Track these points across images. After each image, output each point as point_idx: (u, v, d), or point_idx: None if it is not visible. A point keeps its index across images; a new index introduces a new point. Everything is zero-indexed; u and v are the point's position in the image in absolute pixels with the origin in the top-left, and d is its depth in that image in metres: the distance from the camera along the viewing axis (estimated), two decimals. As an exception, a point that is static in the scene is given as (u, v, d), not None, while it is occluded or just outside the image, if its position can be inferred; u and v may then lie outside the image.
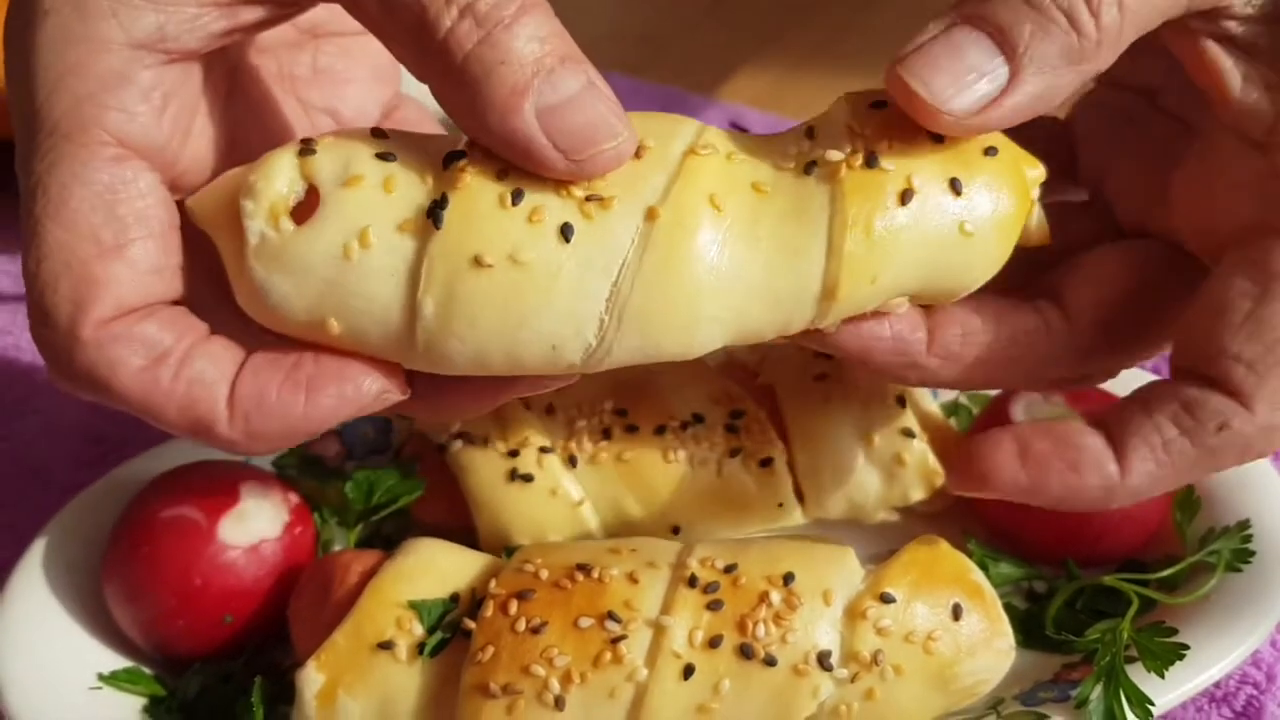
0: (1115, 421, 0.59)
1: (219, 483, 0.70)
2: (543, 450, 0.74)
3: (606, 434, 0.75)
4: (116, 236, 0.52)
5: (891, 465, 0.75)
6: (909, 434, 0.75)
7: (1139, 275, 0.63)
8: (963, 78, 0.53)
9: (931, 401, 0.79)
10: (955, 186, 0.56)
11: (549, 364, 0.54)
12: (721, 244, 0.54)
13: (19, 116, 0.53)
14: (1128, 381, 0.68)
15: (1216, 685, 0.70)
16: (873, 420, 0.75)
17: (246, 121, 0.61)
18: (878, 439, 0.75)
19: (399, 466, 0.76)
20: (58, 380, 0.54)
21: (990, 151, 0.57)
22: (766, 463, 0.74)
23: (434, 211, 0.52)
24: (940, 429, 0.78)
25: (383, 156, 0.54)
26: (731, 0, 1.22)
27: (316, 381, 0.53)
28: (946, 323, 0.61)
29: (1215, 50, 0.57)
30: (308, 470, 0.77)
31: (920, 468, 0.75)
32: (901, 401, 0.76)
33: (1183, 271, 0.63)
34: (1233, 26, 0.56)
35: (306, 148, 0.54)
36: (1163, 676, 0.64)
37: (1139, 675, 0.64)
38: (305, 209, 0.53)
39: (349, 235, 0.52)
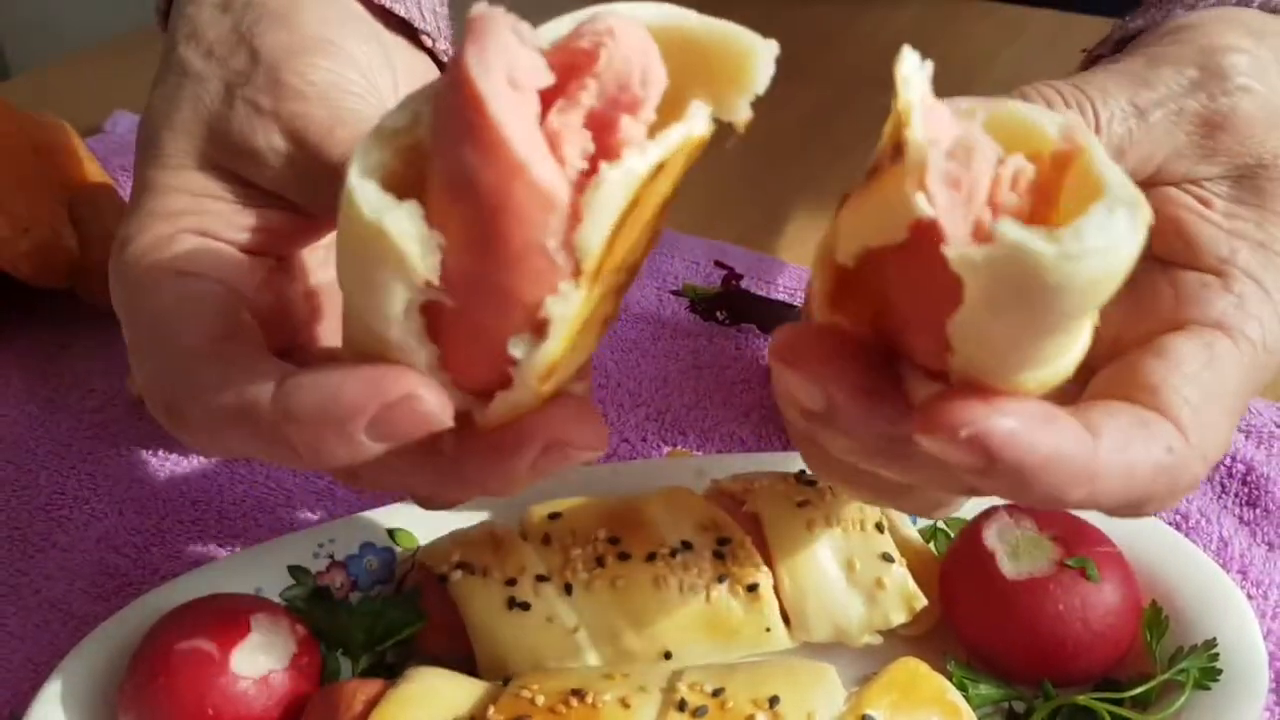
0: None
1: (231, 615, 0.73)
2: (539, 579, 0.78)
3: (600, 562, 0.78)
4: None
5: (873, 589, 0.78)
6: (888, 559, 0.78)
7: None
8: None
9: (910, 526, 0.83)
10: None
11: None
12: None
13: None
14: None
15: (1191, 801, 0.72)
16: (853, 546, 0.78)
17: None
18: (859, 564, 0.78)
19: (401, 598, 0.79)
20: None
21: None
22: (753, 588, 0.77)
23: None
24: (919, 554, 0.81)
25: None
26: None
27: None
28: None
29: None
30: (315, 602, 0.80)
31: (900, 592, 0.78)
32: (880, 527, 0.79)
33: None
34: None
35: None
36: (1134, 792, 0.67)
37: (1112, 791, 0.67)
38: None
39: None
